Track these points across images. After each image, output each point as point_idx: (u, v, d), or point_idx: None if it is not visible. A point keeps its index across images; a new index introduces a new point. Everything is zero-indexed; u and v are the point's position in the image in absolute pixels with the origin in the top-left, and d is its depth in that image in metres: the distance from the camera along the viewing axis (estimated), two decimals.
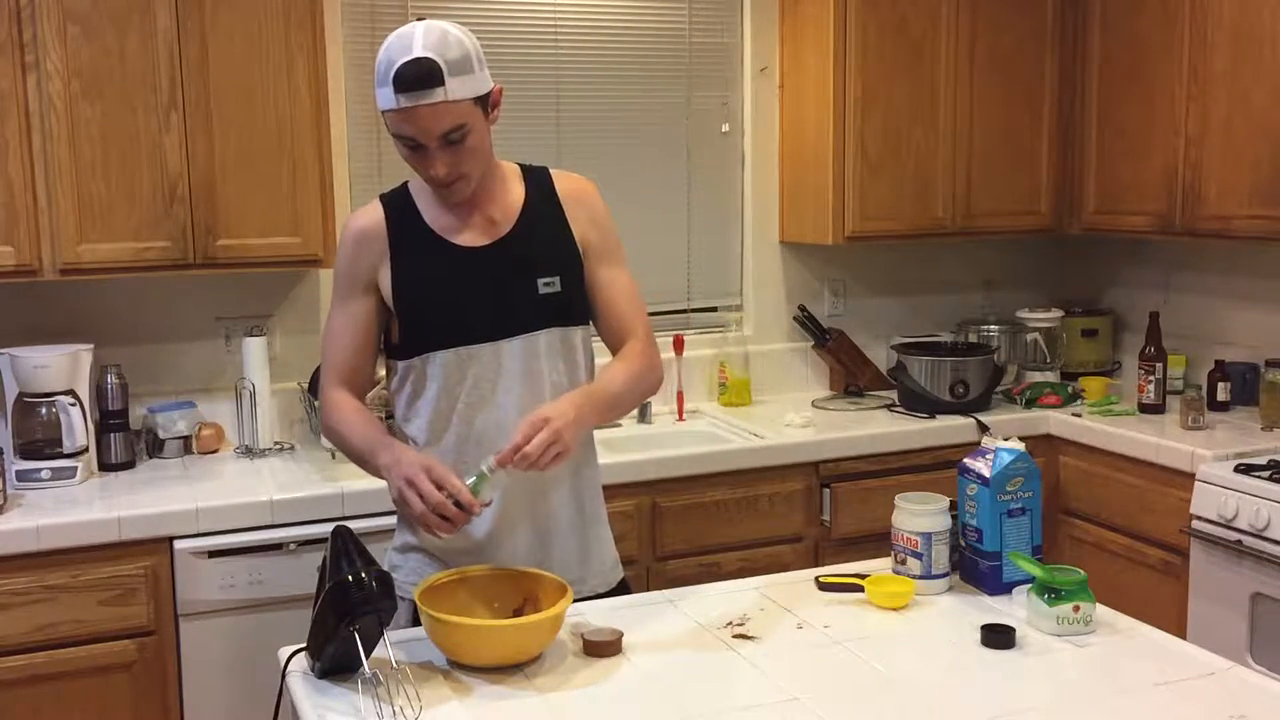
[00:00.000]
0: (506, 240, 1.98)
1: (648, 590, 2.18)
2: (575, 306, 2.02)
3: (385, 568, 1.95)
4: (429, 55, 1.80)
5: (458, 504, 1.75)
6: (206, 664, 2.68)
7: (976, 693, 1.65)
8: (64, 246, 2.78)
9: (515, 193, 2.02)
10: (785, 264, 3.83)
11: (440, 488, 1.74)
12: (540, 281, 1.97)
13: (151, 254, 2.85)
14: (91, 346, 2.97)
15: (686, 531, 3.06)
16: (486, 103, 1.90)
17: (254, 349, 3.09)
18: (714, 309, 3.82)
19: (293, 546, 2.69)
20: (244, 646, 2.67)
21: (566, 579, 1.93)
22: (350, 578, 1.62)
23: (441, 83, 1.80)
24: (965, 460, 2.03)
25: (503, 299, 1.96)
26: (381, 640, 1.66)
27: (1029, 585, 1.90)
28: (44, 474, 2.84)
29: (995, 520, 1.96)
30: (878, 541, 2.25)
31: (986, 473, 1.97)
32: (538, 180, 2.05)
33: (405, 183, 2.05)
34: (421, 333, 1.96)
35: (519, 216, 2.00)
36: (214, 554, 2.66)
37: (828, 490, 3.22)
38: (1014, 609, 1.91)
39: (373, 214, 2.01)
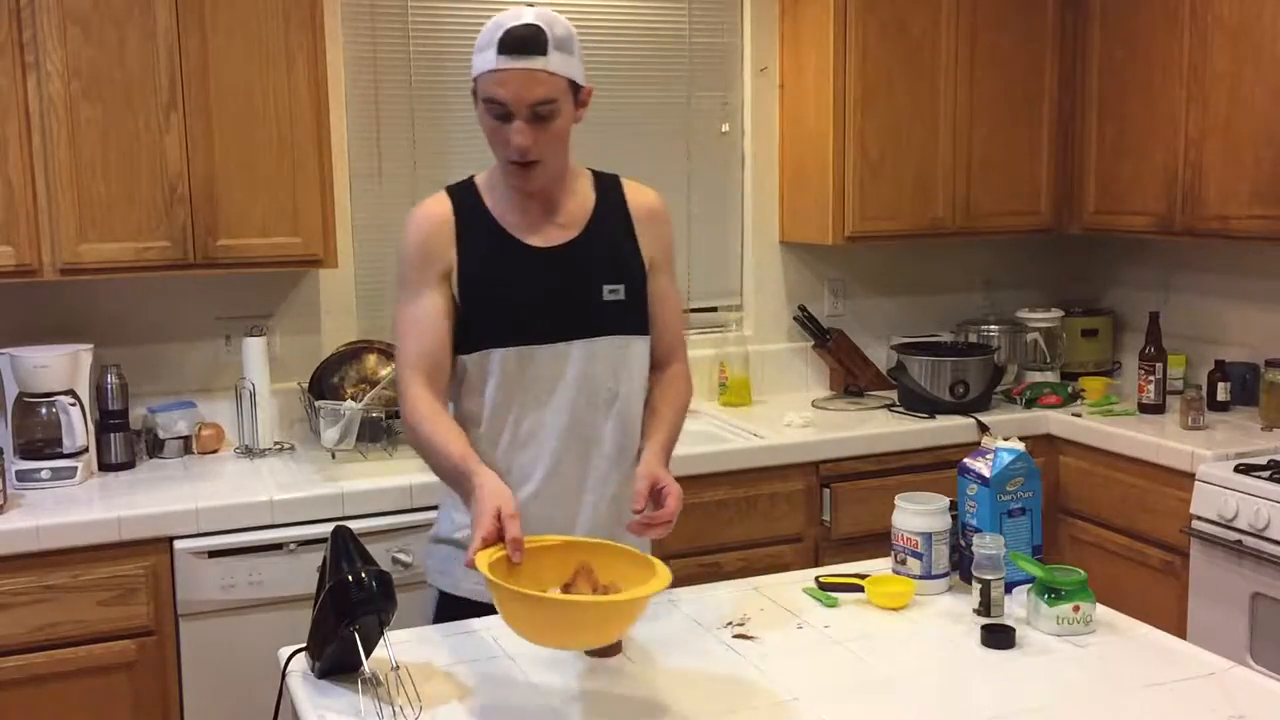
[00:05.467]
0: (575, 244, 1.99)
1: None
2: (637, 316, 2.04)
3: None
4: (538, 23, 1.87)
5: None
6: (206, 664, 2.68)
7: (976, 693, 1.65)
8: (64, 246, 2.78)
9: (586, 197, 2.04)
10: (785, 264, 3.83)
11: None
12: (606, 288, 1.99)
13: (151, 254, 2.85)
14: (91, 346, 2.97)
15: (687, 532, 3.05)
16: (578, 94, 1.95)
17: (254, 349, 3.09)
18: (714, 309, 3.82)
19: (293, 546, 2.69)
20: (244, 646, 2.67)
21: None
22: (350, 578, 1.62)
23: (544, 52, 1.86)
24: (965, 460, 2.03)
25: (568, 302, 1.97)
26: (381, 640, 1.65)
27: (1029, 585, 1.90)
28: (44, 474, 2.84)
29: (995, 520, 1.96)
30: (878, 541, 2.24)
31: (986, 473, 1.97)
32: (609, 188, 2.08)
33: (471, 177, 2.05)
34: (483, 329, 1.95)
35: (588, 222, 2.02)
36: (214, 554, 2.66)
37: (828, 490, 3.22)
38: (1014, 609, 1.91)
39: (440, 204, 2.00)
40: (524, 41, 1.85)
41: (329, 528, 1.77)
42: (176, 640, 2.67)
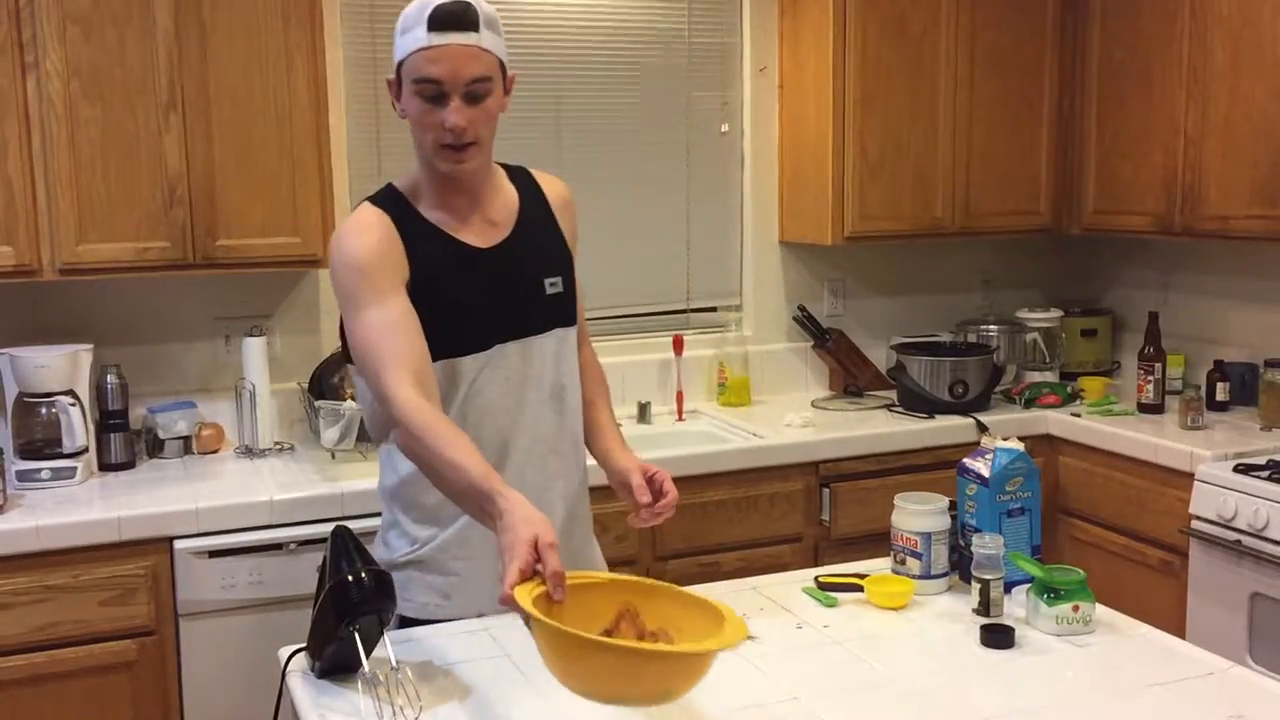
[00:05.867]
0: (512, 241, 1.96)
1: None
2: (571, 306, 2.03)
3: None
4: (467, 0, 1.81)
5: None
6: (207, 664, 2.68)
7: (976, 693, 1.65)
8: (64, 246, 2.78)
9: (510, 192, 2.00)
10: (785, 264, 3.83)
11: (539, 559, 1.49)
12: (546, 282, 1.97)
13: (151, 254, 2.85)
14: (91, 346, 2.97)
15: (686, 531, 3.06)
16: (505, 76, 1.89)
17: (254, 349, 3.09)
18: (713, 309, 3.82)
19: (293, 546, 2.69)
20: (244, 646, 2.67)
21: None
22: (350, 577, 1.62)
23: (476, 28, 1.80)
24: (965, 460, 2.04)
25: (518, 301, 1.94)
26: (381, 640, 1.65)
27: (1028, 585, 1.90)
28: (44, 474, 2.84)
29: (995, 520, 1.96)
30: (877, 541, 2.24)
31: (986, 473, 1.97)
32: (523, 181, 2.04)
33: (389, 185, 1.97)
34: (443, 338, 1.86)
35: (518, 217, 1.98)
36: (214, 554, 2.66)
37: (827, 490, 3.22)
38: (1013, 609, 1.91)
39: (375, 214, 1.88)
40: (455, 17, 1.78)
41: (329, 528, 1.76)
42: (176, 640, 2.67)
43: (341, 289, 1.85)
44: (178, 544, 2.64)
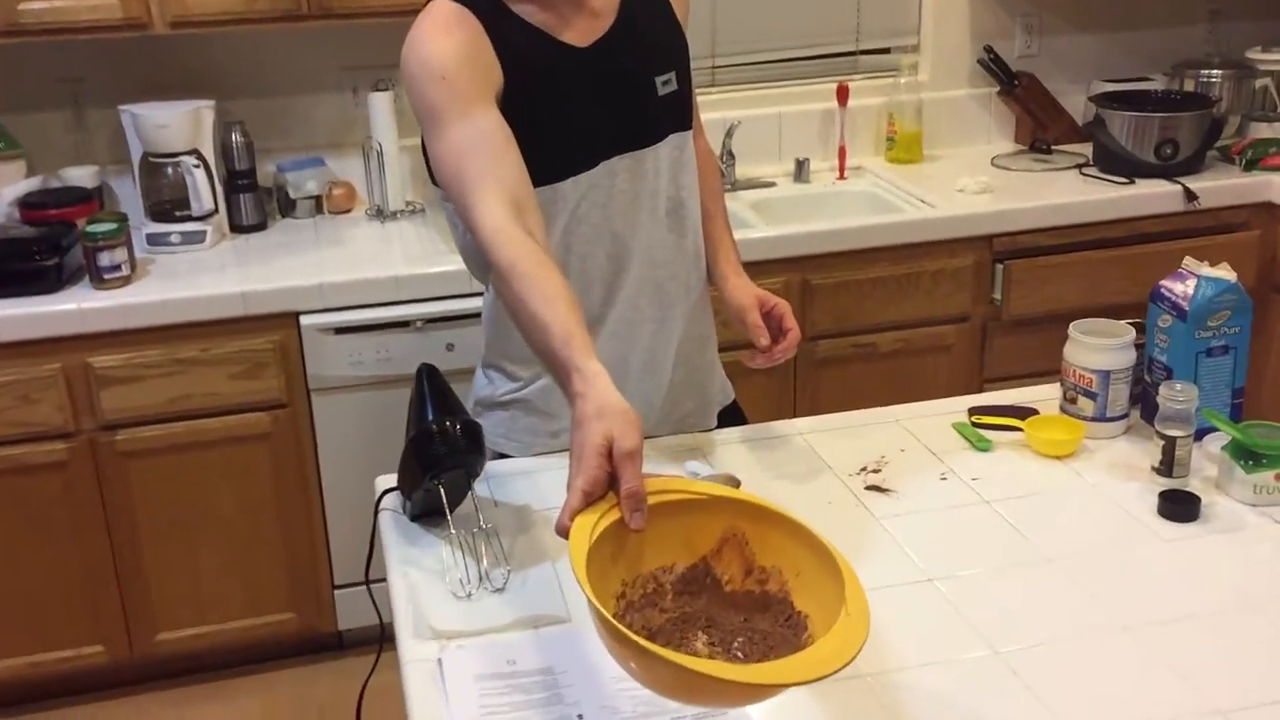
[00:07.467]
0: (615, 34, 1.63)
1: (795, 379, 1.91)
2: (687, 106, 1.71)
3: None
4: None
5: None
6: (341, 436, 2.66)
7: (1147, 583, 1.40)
8: None
9: None
10: None
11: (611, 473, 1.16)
12: (659, 80, 1.65)
13: (262, 4, 2.64)
14: (213, 102, 2.83)
15: (839, 310, 2.81)
16: None
17: (380, 104, 2.90)
18: (886, 50, 3.39)
19: (419, 324, 2.59)
20: (376, 420, 2.63)
21: (678, 414, 1.77)
22: (435, 428, 1.46)
23: None
24: (1162, 284, 1.71)
25: (625, 107, 1.63)
26: (469, 494, 1.51)
27: (1224, 443, 1.61)
28: (174, 238, 2.78)
29: (1190, 362, 1.66)
30: (1055, 325, 1.88)
31: (1185, 304, 1.65)
32: None
33: None
34: (542, 158, 1.55)
35: (620, 2, 1.65)
36: (340, 330, 2.58)
37: (1001, 266, 2.89)
38: (1202, 465, 1.63)
39: (454, 10, 1.55)
40: None
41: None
42: (310, 413, 2.64)
43: (420, 102, 1.54)
44: (304, 319, 2.57)
